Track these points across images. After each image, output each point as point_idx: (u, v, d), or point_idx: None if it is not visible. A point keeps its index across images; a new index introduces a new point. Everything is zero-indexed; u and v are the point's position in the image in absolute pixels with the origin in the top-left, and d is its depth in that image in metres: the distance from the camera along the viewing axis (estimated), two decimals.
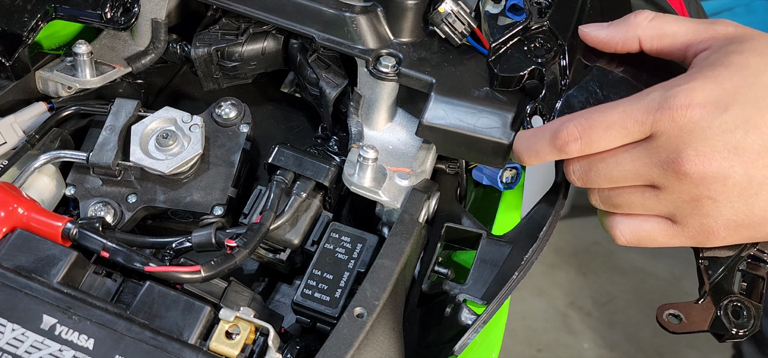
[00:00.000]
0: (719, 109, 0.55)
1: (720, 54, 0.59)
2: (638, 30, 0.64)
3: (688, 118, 0.56)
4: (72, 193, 0.71)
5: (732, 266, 0.65)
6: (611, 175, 0.60)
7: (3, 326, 0.54)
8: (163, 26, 0.78)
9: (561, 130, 0.60)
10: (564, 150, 0.60)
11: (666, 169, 0.57)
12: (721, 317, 0.63)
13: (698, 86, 0.56)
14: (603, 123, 0.59)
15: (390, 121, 0.75)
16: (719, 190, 0.57)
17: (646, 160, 0.58)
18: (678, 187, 0.58)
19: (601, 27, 0.67)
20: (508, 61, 0.69)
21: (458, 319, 0.62)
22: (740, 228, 0.59)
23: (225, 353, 0.55)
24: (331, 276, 0.65)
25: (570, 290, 2.27)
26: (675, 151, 0.56)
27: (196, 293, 0.61)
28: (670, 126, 0.56)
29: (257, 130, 0.80)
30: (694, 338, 2.20)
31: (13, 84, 0.74)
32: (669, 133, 0.56)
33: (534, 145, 0.63)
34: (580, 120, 0.60)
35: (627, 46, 0.65)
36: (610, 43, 0.66)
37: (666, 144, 0.57)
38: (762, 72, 0.57)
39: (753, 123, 0.55)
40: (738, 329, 0.63)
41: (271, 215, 0.66)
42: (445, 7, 0.72)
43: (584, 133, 0.59)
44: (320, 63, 0.77)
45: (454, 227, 0.69)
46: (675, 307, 0.66)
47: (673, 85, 0.58)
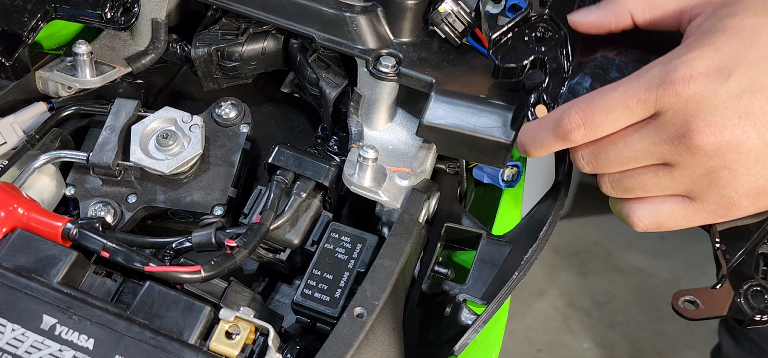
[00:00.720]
0: (722, 75, 0.54)
1: (714, 19, 0.58)
2: (628, 4, 0.63)
3: (692, 90, 0.54)
4: (72, 193, 0.71)
5: (751, 249, 0.64)
6: (621, 156, 0.59)
7: (3, 326, 0.54)
8: (163, 26, 0.78)
9: (563, 118, 0.59)
10: (568, 138, 0.59)
11: (677, 144, 0.56)
12: (741, 302, 0.62)
13: (697, 56, 0.55)
14: (605, 105, 0.57)
15: (390, 121, 0.75)
16: (734, 158, 0.55)
17: (656, 138, 0.57)
18: (692, 161, 0.56)
19: (591, 10, 0.65)
20: (510, 52, 0.68)
21: (458, 319, 0.62)
22: (762, 194, 0.57)
23: (225, 353, 0.55)
24: (331, 276, 0.65)
25: (570, 290, 2.27)
26: (684, 125, 0.55)
27: (196, 293, 0.61)
28: (675, 100, 0.55)
29: (257, 130, 0.81)
30: (694, 337, 2.19)
31: (13, 84, 0.74)
32: (675, 108, 0.55)
33: (538, 137, 0.62)
34: (581, 106, 0.58)
35: (620, 24, 0.64)
36: (603, 24, 0.64)
37: (674, 119, 0.55)
38: (759, 32, 0.56)
39: (758, 85, 0.54)
40: (761, 313, 0.62)
41: (271, 215, 0.66)
42: (445, 7, 0.72)
43: (587, 119, 0.58)
44: (320, 63, 0.77)
45: (454, 227, 0.69)
46: (691, 293, 0.64)
47: (672, 58, 0.56)
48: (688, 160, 0.56)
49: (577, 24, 0.66)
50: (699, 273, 2.38)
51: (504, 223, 0.77)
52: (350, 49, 0.72)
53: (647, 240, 2.47)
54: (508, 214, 0.79)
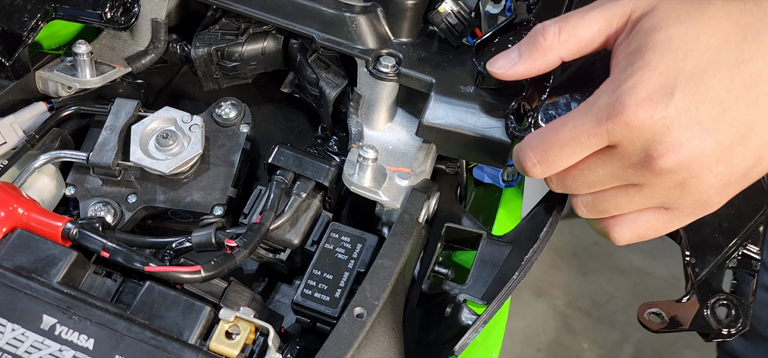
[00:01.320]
0: (666, 95, 0.55)
1: (639, 36, 0.57)
2: (555, 51, 0.62)
3: (641, 117, 0.55)
4: (72, 193, 0.71)
5: (721, 263, 0.64)
6: (588, 181, 0.60)
7: (3, 326, 0.54)
8: (163, 26, 0.78)
9: (520, 156, 0.60)
10: (529, 174, 0.61)
11: (641, 169, 0.57)
12: (708, 315, 0.63)
13: (637, 81, 0.55)
14: (557, 143, 0.58)
15: (390, 121, 0.75)
16: (698, 166, 0.56)
17: (618, 164, 0.58)
18: (659, 180, 0.57)
19: (513, 61, 0.64)
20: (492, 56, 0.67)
21: (458, 319, 0.62)
22: (729, 186, 0.59)
23: (225, 353, 0.55)
24: (331, 276, 0.65)
25: (570, 290, 2.27)
26: (643, 151, 0.56)
27: (196, 293, 0.61)
28: (626, 131, 0.55)
29: (257, 130, 0.81)
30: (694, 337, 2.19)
31: (13, 84, 0.74)
32: (628, 137, 0.56)
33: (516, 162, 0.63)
34: (534, 144, 0.59)
35: (549, 68, 0.63)
36: (532, 73, 0.63)
37: (630, 148, 0.56)
38: (687, 40, 0.56)
39: (700, 94, 0.55)
40: (726, 327, 0.63)
41: (271, 215, 0.66)
42: (445, 7, 0.72)
43: (542, 158, 0.59)
44: (320, 63, 0.77)
45: (454, 227, 0.69)
46: (657, 305, 0.65)
47: (614, 87, 0.56)
48: (654, 180, 0.57)
49: (500, 75, 0.65)
50: None
51: (504, 223, 0.77)
52: (350, 49, 0.72)
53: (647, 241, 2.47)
54: (508, 214, 0.79)
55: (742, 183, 0.59)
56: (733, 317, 0.63)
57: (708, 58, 0.55)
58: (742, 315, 0.63)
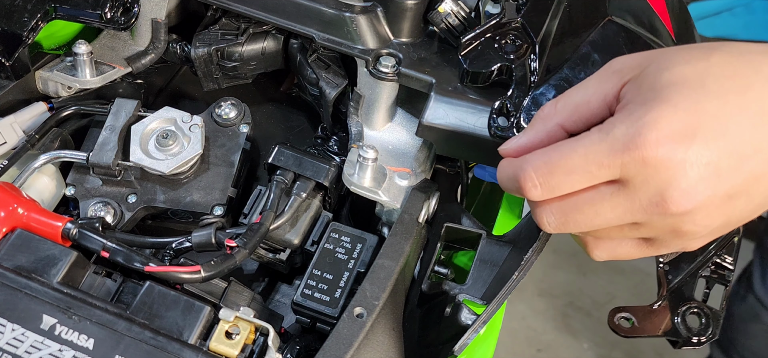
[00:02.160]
0: (688, 137, 0.52)
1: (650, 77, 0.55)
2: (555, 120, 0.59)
3: (660, 156, 0.52)
4: (72, 193, 0.71)
5: (694, 272, 0.64)
6: (591, 224, 0.56)
7: (3, 326, 0.54)
8: (163, 26, 0.78)
9: (519, 174, 0.56)
10: (525, 195, 0.57)
11: (650, 212, 0.54)
12: (678, 323, 0.63)
13: (659, 116, 0.52)
14: (564, 168, 0.54)
15: (390, 121, 0.75)
16: (702, 217, 0.54)
17: (628, 206, 0.54)
18: (662, 223, 0.55)
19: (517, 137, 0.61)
20: (478, 57, 0.68)
21: (458, 319, 0.62)
22: (715, 233, 0.57)
23: (225, 353, 0.55)
24: (331, 276, 0.65)
25: (570, 290, 2.27)
26: (658, 193, 0.53)
27: (196, 293, 0.61)
28: (641, 169, 0.52)
29: (257, 130, 0.81)
30: None
31: (13, 84, 0.74)
32: (643, 175, 0.52)
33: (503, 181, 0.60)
34: (538, 164, 0.56)
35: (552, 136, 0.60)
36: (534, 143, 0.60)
37: (644, 186, 0.53)
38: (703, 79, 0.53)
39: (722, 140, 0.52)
40: (696, 336, 0.62)
41: (271, 215, 0.66)
42: (445, 7, 0.72)
43: (544, 181, 0.55)
44: (320, 63, 0.77)
45: (454, 227, 0.69)
46: (628, 310, 0.65)
47: (634, 118, 0.53)
48: (659, 222, 0.55)
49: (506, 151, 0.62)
50: None
51: (506, 222, 0.77)
52: (350, 49, 0.72)
53: None
54: (509, 213, 0.79)
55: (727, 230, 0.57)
56: (703, 326, 0.63)
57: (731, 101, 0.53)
58: (712, 324, 0.63)
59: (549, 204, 0.57)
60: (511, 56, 0.67)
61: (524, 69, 0.67)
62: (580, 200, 0.56)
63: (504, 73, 0.68)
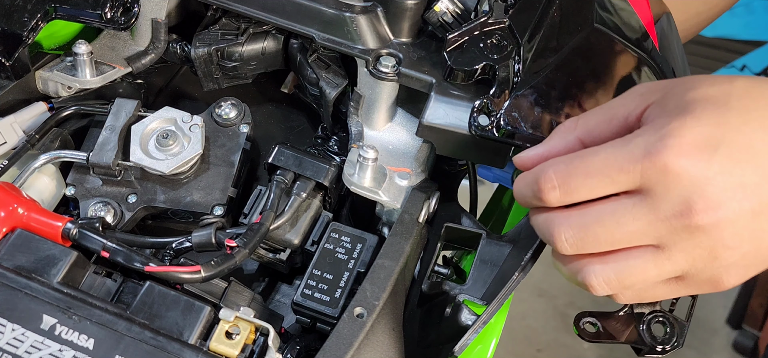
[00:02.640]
0: (710, 147, 0.51)
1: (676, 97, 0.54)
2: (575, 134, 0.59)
3: (682, 165, 0.51)
4: (72, 193, 0.71)
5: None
6: (612, 239, 0.54)
7: (3, 326, 0.54)
8: (163, 26, 0.78)
9: (540, 176, 0.56)
10: (542, 197, 0.56)
11: (675, 223, 0.52)
12: (643, 330, 0.63)
13: (682, 126, 0.52)
14: (584, 170, 0.54)
15: (390, 121, 0.75)
16: (730, 234, 0.52)
17: (651, 217, 0.52)
18: (690, 242, 0.52)
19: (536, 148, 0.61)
20: (463, 55, 0.68)
21: (458, 319, 0.62)
22: (748, 270, 0.54)
23: (225, 353, 0.55)
24: (331, 276, 0.65)
25: (570, 290, 2.27)
26: (682, 203, 0.51)
27: (196, 293, 0.61)
28: (662, 177, 0.51)
29: (257, 130, 0.81)
30: (694, 337, 2.20)
31: (13, 84, 0.74)
32: (664, 184, 0.52)
33: (520, 190, 0.59)
34: (559, 166, 0.55)
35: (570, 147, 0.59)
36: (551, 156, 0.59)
37: (667, 196, 0.52)
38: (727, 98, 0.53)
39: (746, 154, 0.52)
40: (660, 344, 0.63)
41: (271, 215, 0.66)
42: (441, 7, 0.72)
43: (563, 182, 0.55)
44: (320, 63, 0.77)
45: (454, 227, 0.69)
46: (593, 315, 0.65)
47: (657, 127, 0.53)
48: (685, 241, 0.53)
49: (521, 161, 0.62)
50: None
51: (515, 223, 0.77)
52: (350, 49, 0.72)
53: None
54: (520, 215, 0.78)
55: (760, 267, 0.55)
56: (668, 335, 0.63)
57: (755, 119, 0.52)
58: (678, 334, 0.63)
59: (566, 219, 0.55)
60: (496, 56, 0.68)
61: (508, 70, 0.67)
62: (600, 211, 0.54)
63: (487, 72, 0.68)
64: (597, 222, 0.54)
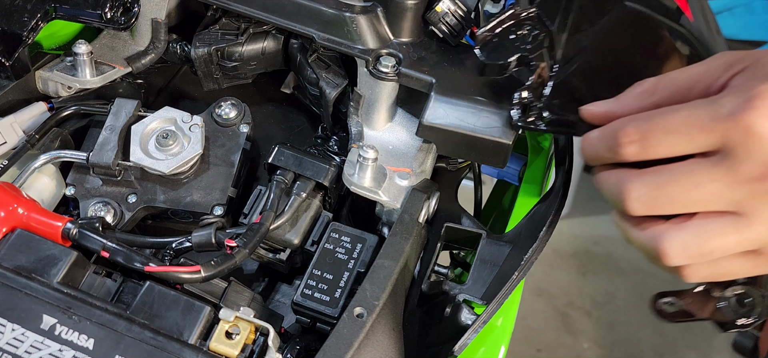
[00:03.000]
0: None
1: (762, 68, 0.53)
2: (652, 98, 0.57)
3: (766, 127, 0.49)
4: (72, 193, 0.71)
5: None
6: (688, 199, 0.52)
7: (3, 326, 0.54)
8: (163, 26, 0.78)
9: (618, 130, 0.54)
10: (619, 152, 0.54)
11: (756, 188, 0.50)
12: (724, 306, 0.61)
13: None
14: (664, 126, 0.52)
15: (390, 121, 0.75)
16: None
17: (730, 179, 0.51)
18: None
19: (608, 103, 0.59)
20: (496, 49, 0.67)
21: (458, 319, 0.62)
22: None
23: (225, 353, 0.55)
24: (331, 276, 0.65)
25: (570, 290, 2.27)
26: (764, 165, 0.49)
27: (196, 293, 0.61)
28: (744, 138, 0.50)
29: (257, 130, 0.81)
30: (694, 338, 2.20)
31: (13, 84, 0.74)
32: (746, 146, 0.50)
33: (594, 147, 0.58)
34: (639, 122, 0.54)
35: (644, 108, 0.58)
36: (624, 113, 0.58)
37: (748, 159, 0.50)
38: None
39: None
40: (742, 318, 0.61)
41: (271, 214, 0.66)
42: (442, 7, 0.72)
43: (642, 136, 0.53)
44: (320, 63, 0.77)
45: (453, 227, 0.69)
46: (672, 295, 0.63)
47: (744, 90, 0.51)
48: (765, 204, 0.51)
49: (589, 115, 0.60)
50: None
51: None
52: (350, 49, 0.72)
53: None
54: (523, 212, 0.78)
55: None
56: (748, 308, 0.61)
57: None
58: (759, 305, 0.61)
59: (640, 176, 0.54)
60: (529, 47, 0.66)
61: (543, 59, 0.66)
62: (677, 169, 0.52)
63: (523, 63, 0.67)
64: (673, 180, 0.52)
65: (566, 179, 0.71)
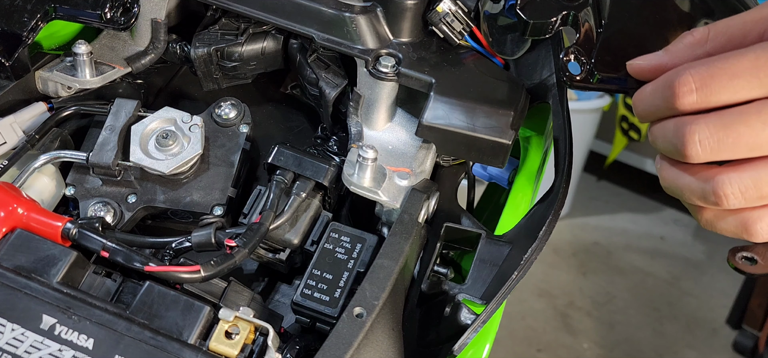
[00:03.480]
0: None
1: None
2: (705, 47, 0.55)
3: None
4: (72, 193, 0.71)
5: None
6: (756, 141, 0.49)
7: (3, 326, 0.54)
8: (163, 26, 0.78)
9: (675, 79, 0.51)
10: (675, 103, 0.51)
11: None
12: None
13: None
14: (729, 71, 0.49)
15: (389, 121, 0.75)
16: None
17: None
18: None
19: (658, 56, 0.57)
20: (538, 7, 0.65)
21: (457, 319, 0.62)
22: None
23: (224, 353, 0.55)
24: (331, 276, 0.65)
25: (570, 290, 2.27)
26: None
27: (195, 292, 0.61)
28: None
29: (257, 130, 0.81)
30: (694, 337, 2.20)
31: (13, 84, 0.74)
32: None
33: (647, 101, 0.54)
34: (699, 68, 0.51)
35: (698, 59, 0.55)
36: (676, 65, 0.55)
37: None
38: None
39: None
40: None
41: (270, 214, 0.66)
42: (443, 7, 0.72)
43: (704, 83, 0.50)
44: (320, 63, 0.77)
45: (453, 227, 0.69)
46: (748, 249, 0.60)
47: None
48: None
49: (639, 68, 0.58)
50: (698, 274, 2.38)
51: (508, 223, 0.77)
52: (350, 49, 0.72)
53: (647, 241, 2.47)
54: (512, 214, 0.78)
55: None
56: None
57: None
58: None
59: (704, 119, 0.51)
60: (576, 3, 0.64)
61: (589, 15, 0.64)
62: (745, 111, 0.50)
63: (567, 22, 0.65)
64: (741, 122, 0.50)
65: (566, 179, 0.71)
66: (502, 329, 2.10)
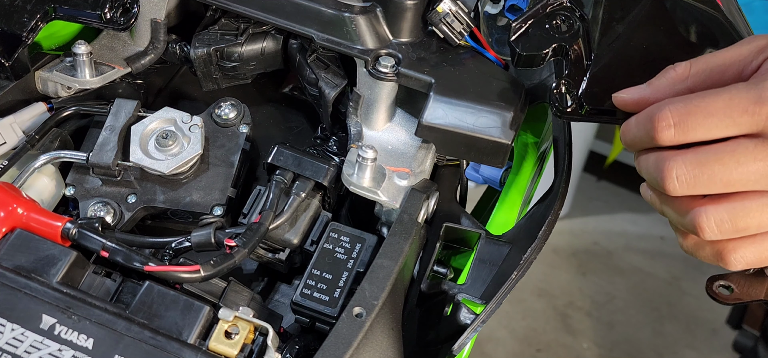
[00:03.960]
0: None
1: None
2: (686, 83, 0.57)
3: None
4: (72, 193, 0.71)
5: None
6: (729, 178, 0.52)
7: (3, 326, 0.54)
8: (163, 26, 0.78)
9: (655, 113, 0.54)
10: (656, 136, 0.54)
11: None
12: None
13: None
14: (704, 109, 0.52)
15: (389, 121, 0.75)
16: None
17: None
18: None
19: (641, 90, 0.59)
20: (531, 40, 0.66)
21: (457, 318, 0.62)
22: None
23: (224, 353, 0.55)
24: (330, 276, 0.65)
25: (570, 290, 2.27)
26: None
27: (195, 292, 0.61)
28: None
29: (257, 130, 0.81)
30: (694, 337, 2.20)
31: (12, 84, 0.74)
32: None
33: (631, 133, 0.57)
34: (677, 105, 0.53)
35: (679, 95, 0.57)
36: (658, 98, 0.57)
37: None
38: None
39: None
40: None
41: (270, 214, 0.66)
42: (444, 7, 0.72)
43: (681, 120, 0.52)
44: (319, 63, 0.77)
45: (453, 227, 0.69)
46: (726, 278, 0.62)
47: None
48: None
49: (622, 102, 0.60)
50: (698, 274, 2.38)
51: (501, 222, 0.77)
52: (349, 49, 0.72)
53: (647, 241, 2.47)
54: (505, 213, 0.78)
55: None
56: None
57: None
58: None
59: (681, 155, 0.53)
60: (566, 35, 0.66)
61: (580, 47, 0.65)
62: (719, 149, 0.52)
63: (559, 54, 0.66)
64: (715, 160, 0.52)
65: (566, 179, 0.71)
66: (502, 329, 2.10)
